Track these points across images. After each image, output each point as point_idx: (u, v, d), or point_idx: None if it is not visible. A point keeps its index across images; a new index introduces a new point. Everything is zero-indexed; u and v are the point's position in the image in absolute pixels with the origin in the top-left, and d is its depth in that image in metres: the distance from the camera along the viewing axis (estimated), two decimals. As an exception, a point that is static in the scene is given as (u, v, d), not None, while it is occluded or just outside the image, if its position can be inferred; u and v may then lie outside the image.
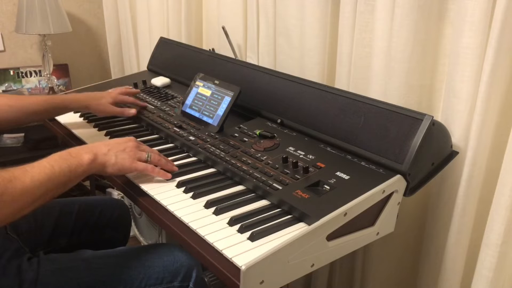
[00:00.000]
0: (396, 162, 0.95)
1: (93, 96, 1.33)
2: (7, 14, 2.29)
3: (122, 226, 1.40)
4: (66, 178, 0.90)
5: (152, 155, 1.03)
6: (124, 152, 0.99)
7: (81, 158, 0.93)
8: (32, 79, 2.39)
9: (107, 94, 1.36)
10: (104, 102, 1.31)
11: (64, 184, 0.90)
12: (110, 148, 0.98)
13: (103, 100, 1.31)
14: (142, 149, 1.03)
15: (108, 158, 0.97)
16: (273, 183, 0.95)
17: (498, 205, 0.94)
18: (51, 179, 0.87)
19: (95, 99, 1.31)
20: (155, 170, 1.02)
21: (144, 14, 2.10)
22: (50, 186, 0.87)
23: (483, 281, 0.99)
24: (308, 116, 1.14)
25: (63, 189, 0.91)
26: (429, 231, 1.18)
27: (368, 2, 1.18)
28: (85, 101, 1.30)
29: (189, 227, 0.87)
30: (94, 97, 1.32)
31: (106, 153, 0.97)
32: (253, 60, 1.61)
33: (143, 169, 1.00)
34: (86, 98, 1.31)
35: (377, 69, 1.19)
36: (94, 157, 0.95)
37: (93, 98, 1.32)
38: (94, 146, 0.98)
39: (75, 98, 1.30)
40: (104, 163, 0.96)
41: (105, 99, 1.32)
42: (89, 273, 1.06)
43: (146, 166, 1.01)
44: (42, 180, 0.86)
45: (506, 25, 0.90)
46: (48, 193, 0.87)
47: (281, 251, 0.76)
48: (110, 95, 1.35)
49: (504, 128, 0.99)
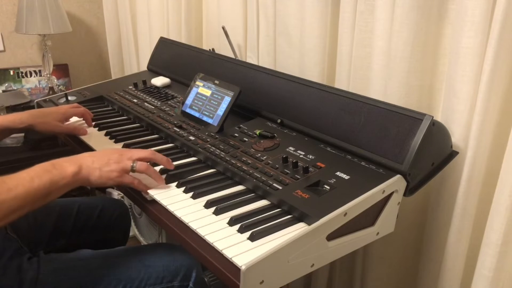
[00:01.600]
0: (396, 162, 0.95)
1: (37, 114, 1.23)
2: (7, 14, 2.29)
3: (122, 226, 1.41)
4: (46, 191, 0.86)
5: (138, 164, 0.97)
6: (108, 164, 0.95)
7: (64, 170, 0.89)
8: (32, 79, 2.39)
9: (56, 110, 1.27)
10: (50, 120, 1.23)
11: (44, 196, 0.87)
12: (95, 160, 0.94)
13: (49, 118, 1.23)
14: (128, 158, 0.97)
15: (93, 171, 0.93)
16: (273, 183, 0.95)
17: (498, 205, 0.94)
18: (29, 191, 0.84)
19: (40, 118, 1.22)
20: (140, 186, 0.97)
21: (144, 14, 2.10)
22: (29, 199, 0.84)
23: (483, 281, 0.99)
24: (308, 116, 1.14)
25: (43, 201, 0.87)
26: (429, 231, 1.18)
27: (368, 2, 1.18)
28: (29, 121, 1.20)
29: (189, 227, 0.87)
30: (38, 115, 1.23)
31: (91, 165, 0.93)
32: (253, 60, 1.61)
33: (129, 183, 0.97)
34: (29, 117, 1.21)
35: (377, 69, 1.19)
36: (78, 169, 0.91)
37: (38, 116, 1.22)
38: (78, 158, 0.94)
39: (16, 118, 1.20)
40: (88, 175, 0.92)
41: (52, 116, 1.24)
42: (88, 273, 1.06)
43: (132, 180, 0.97)
44: (19, 192, 0.83)
45: (506, 25, 0.90)
46: (26, 205, 0.84)
47: (281, 251, 0.76)
48: (59, 111, 1.27)
49: (504, 128, 0.99)
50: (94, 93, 1.54)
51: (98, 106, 1.49)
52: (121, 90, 1.55)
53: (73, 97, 1.52)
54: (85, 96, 1.52)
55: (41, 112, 1.26)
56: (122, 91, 1.54)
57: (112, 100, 1.48)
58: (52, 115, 1.25)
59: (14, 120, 1.20)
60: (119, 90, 1.55)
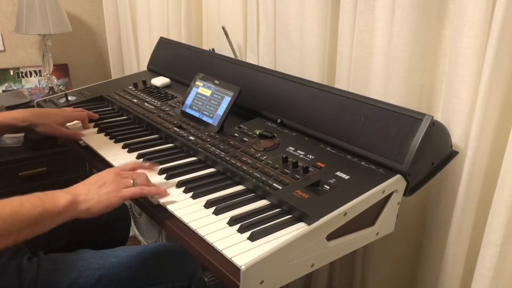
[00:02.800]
0: (396, 162, 0.95)
1: (40, 115, 1.22)
2: (7, 14, 2.29)
3: (122, 226, 1.40)
4: (36, 218, 0.81)
5: (138, 180, 0.94)
6: (105, 186, 0.90)
7: (57, 199, 0.84)
8: (32, 79, 2.39)
9: (59, 113, 1.26)
10: (51, 123, 1.22)
11: (33, 224, 0.81)
12: (89, 186, 0.89)
13: (51, 120, 1.22)
14: (125, 176, 0.94)
15: (90, 198, 0.87)
16: (273, 183, 0.95)
17: (498, 205, 0.94)
18: (16, 215, 0.79)
19: (43, 119, 1.21)
20: (144, 190, 0.92)
21: (144, 14, 2.10)
22: (15, 223, 0.79)
23: (483, 281, 0.99)
24: (308, 116, 1.14)
25: (33, 230, 0.81)
26: (429, 231, 1.18)
27: (368, 2, 1.18)
28: (31, 119, 1.20)
29: (189, 227, 0.87)
30: (41, 116, 1.22)
31: (87, 193, 0.88)
32: (253, 60, 1.61)
33: (131, 195, 0.91)
34: (31, 116, 1.20)
35: (377, 69, 1.19)
36: (73, 199, 0.86)
37: (41, 116, 1.21)
38: (73, 188, 0.90)
39: (19, 115, 1.19)
40: (86, 204, 0.87)
41: (54, 118, 1.23)
42: (89, 273, 1.06)
43: (133, 190, 0.91)
44: (6, 213, 0.78)
45: (506, 25, 0.90)
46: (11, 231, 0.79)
47: (281, 251, 0.76)
48: (62, 114, 1.26)
49: (504, 128, 0.99)
50: (94, 93, 1.54)
51: (98, 106, 1.49)
52: (121, 90, 1.55)
53: (73, 97, 1.52)
54: (85, 96, 1.52)
55: (44, 112, 1.25)
56: (122, 91, 1.54)
57: (112, 100, 1.48)
58: (54, 117, 1.24)
59: (16, 117, 1.20)
60: (119, 90, 1.55)
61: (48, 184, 2.01)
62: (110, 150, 1.18)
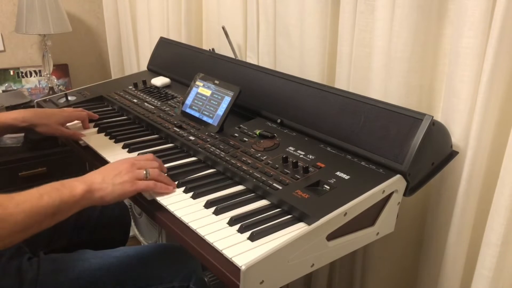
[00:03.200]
0: (396, 162, 0.95)
1: (41, 115, 1.23)
2: (7, 14, 2.29)
3: (122, 226, 1.40)
4: (55, 209, 0.83)
5: (151, 171, 0.95)
6: (120, 176, 0.92)
7: (73, 188, 0.86)
8: (32, 79, 2.39)
9: (59, 113, 1.26)
10: (51, 123, 1.22)
11: (52, 215, 0.83)
12: (104, 175, 0.91)
13: (51, 120, 1.23)
14: (139, 167, 0.95)
15: (105, 187, 0.89)
16: (273, 183, 0.95)
17: (498, 205, 0.94)
18: (37, 208, 0.81)
19: (43, 118, 1.22)
20: (157, 186, 0.95)
21: (144, 14, 2.10)
22: (36, 217, 0.81)
23: (483, 281, 0.99)
24: (308, 116, 1.14)
25: (52, 221, 0.84)
26: (429, 231, 1.18)
27: (368, 2, 1.18)
28: (31, 120, 1.20)
29: (189, 227, 0.87)
30: (42, 116, 1.22)
31: (101, 182, 0.90)
32: (253, 60, 1.61)
33: (144, 188, 0.93)
34: (32, 116, 1.21)
35: (377, 69, 1.19)
36: (88, 188, 0.88)
37: (41, 117, 1.22)
38: (88, 176, 0.91)
39: (19, 116, 1.20)
40: (101, 193, 0.89)
41: (54, 118, 1.24)
42: (89, 273, 1.06)
43: (147, 184, 0.93)
44: (27, 208, 0.79)
45: (506, 25, 0.90)
46: (33, 224, 0.81)
47: (281, 251, 0.76)
48: (62, 114, 1.26)
49: (504, 128, 0.99)
50: (94, 93, 1.54)
51: (98, 106, 1.49)
52: (121, 90, 1.55)
53: (73, 97, 1.52)
54: (85, 96, 1.52)
55: (45, 113, 1.26)
56: (122, 91, 1.54)
57: (112, 100, 1.48)
58: (54, 117, 1.24)
59: (16, 118, 1.20)
60: (119, 90, 1.55)
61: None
62: (110, 150, 1.18)
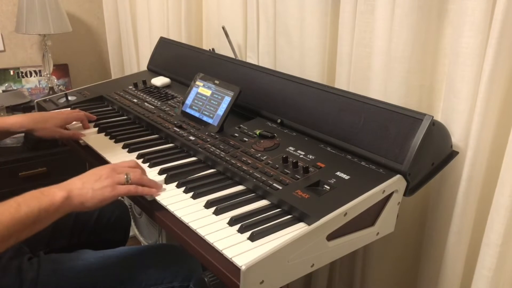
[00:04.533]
0: (396, 162, 0.95)
1: (38, 119, 1.24)
2: (7, 14, 2.29)
3: (122, 226, 1.41)
4: (35, 218, 0.82)
5: (132, 175, 0.94)
6: (100, 181, 0.91)
7: (53, 196, 0.85)
8: (32, 79, 2.39)
9: (57, 115, 1.27)
10: (50, 126, 1.23)
11: (32, 224, 0.82)
12: (84, 181, 0.90)
13: (49, 123, 1.23)
14: (119, 172, 0.94)
15: (85, 192, 0.88)
16: (273, 183, 0.95)
17: (498, 205, 0.94)
18: (15, 220, 0.79)
19: (41, 123, 1.23)
20: (138, 190, 0.94)
21: (144, 14, 2.10)
22: (15, 227, 0.80)
23: (483, 281, 0.99)
24: (308, 116, 1.14)
25: (32, 229, 0.83)
26: (429, 231, 1.18)
27: (368, 2, 1.18)
28: (29, 125, 1.21)
29: (189, 227, 0.87)
30: (39, 120, 1.23)
31: (81, 188, 0.89)
32: (253, 60, 1.61)
33: (125, 193, 0.93)
34: (30, 121, 1.22)
35: (377, 69, 1.19)
36: (67, 194, 0.86)
37: (39, 121, 1.23)
38: (67, 183, 0.90)
39: (17, 122, 1.21)
40: (81, 198, 0.88)
41: (52, 121, 1.24)
42: (89, 273, 1.06)
43: (128, 188, 0.92)
44: (5, 220, 0.79)
45: (506, 25, 0.90)
46: (11, 235, 0.80)
47: (281, 251, 0.76)
48: (60, 117, 1.27)
49: (504, 128, 0.99)
50: (94, 93, 1.54)
51: (98, 106, 1.49)
52: (121, 90, 1.55)
53: (73, 97, 1.52)
54: (85, 96, 1.52)
55: (42, 116, 1.26)
56: (122, 91, 1.54)
57: (112, 100, 1.48)
58: (52, 121, 1.25)
59: (14, 123, 1.20)
60: (119, 90, 1.55)
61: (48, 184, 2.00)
62: (110, 150, 1.18)
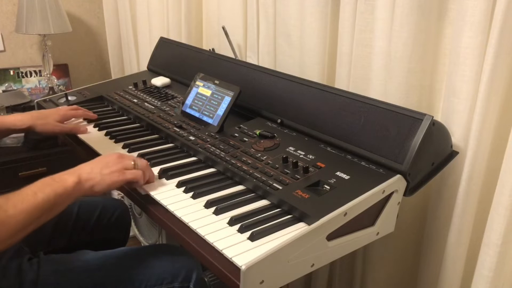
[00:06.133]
0: (396, 162, 0.95)
1: (37, 116, 1.26)
2: (7, 14, 2.29)
3: (122, 226, 1.40)
4: (50, 204, 0.85)
5: (140, 162, 0.98)
6: (108, 166, 0.94)
7: (65, 182, 0.89)
8: (32, 79, 2.39)
9: (55, 112, 1.29)
10: (50, 121, 1.25)
11: (48, 210, 0.86)
12: (93, 166, 0.94)
13: (49, 119, 1.25)
14: (127, 158, 0.98)
15: (93, 177, 0.92)
16: (273, 183, 0.95)
17: (498, 205, 0.94)
18: (33, 206, 0.83)
19: (41, 119, 1.24)
20: (146, 176, 0.98)
21: (144, 14, 2.10)
22: (34, 214, 0.83)
23: (483, 281, 0.99)
24: (308, 116, 1.14)
25: (48, 216, 0.86)
26: (429, 231, 1.18)
27: (368, 2, 1.18)
28: (29, 122, 1.23)
29: (189, 227, 0.87)
30: (39, 117, 1.25)
31: (90, 172, 0.92)
32: (253, 60, 1.61)
33: (133, 177, 0.96)
34: (30, 118, 1.23)
35: (377, 69, 1.19)
36: (78, 179, 0.90)
37: (38, 117, 1.25)
38: (77, 168, 0.94)
39: (17, 119, 1.23)
40: (90, 182, 0.91)
41: (51, 117, 1.26)
42: (89, 273, 1.06)
43: (135, 173, 0.96)
44: (25, 208, 0.82)
45: (506, 25, 0.90)
46: (32, 222, 0.83)
47: (281, 251, 0.76)
48: (58, 113, 1.29)
49: (504, 128, 0.99)
50: (94, 93, 1.54)
51: (98, 106, 1.49)
52: (121, 90, 1.55)
53: (73, 97, 1.52)
54: (85, 96, 1.52)
55: (41, 113, 1.29)
56: (122, 91, 1.54)
57: (112, 100, 1.48)
58: (51, 116, 1.27)
59: (15, 121, 1.22)
60: (119, 90, 1.55)
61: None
62: (110, 150, 1.18)
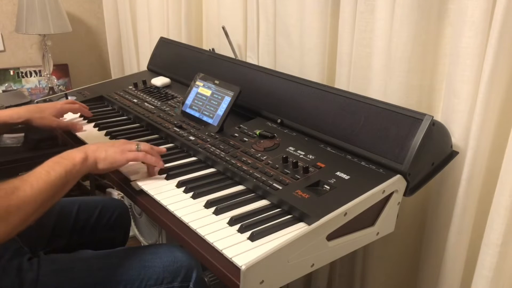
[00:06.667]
0: (396, 162, 0.95)
1: (34, 109, 1.28)
2: (7, 14, 2.29)
3: (122, 226, 1.40)
4: (63, 181, 0.90)
5: (142, 145, 1.04)
6: (113, 146, 1.01)
7: (73, 158, 0.94)
8: (32, 79, 2.39)
9: (52, 106, 1.32)
10: (47, 116, 1.27)
11: (62, 186, 0.90)
12: (99, 145, 1.00)
13: (45, 113, 1.27)
14: (131, 142, 1.05)
15: (98, 154, 0.98)
16: (273, 183, 0.95)
17: (498, 205, 0.94)
18: (48, 184, 0.87)
19: (37, 112, 1.26)
20: (147, 157, 1.03)
21: (144, 14, 2.10)
22: (50, 192, 0.87)
23: (483, 281, 0.99)
24: (308, 116, 1.14)
25: (62, 192, 0.91)
26: (429, 231, 1.18)
27: (368, 2, 1.18)
28: (26, 115, 1.25)
29: (189, 227, 0.87)
30: (36, 110, 1.27)
31: (96, 150, 0.98)
32: (253, 60, 1.61)
33: (134, 157, 1.01)
34: (26, 112, 1.25)
35: (377, 69, 1.19)
36: (85, 155, 0.96)
37: (35, 111, 1.27)
38: (84, 146, 1.00)
39: (14, 112, 1.25)
40: (95, 159, 0.97)
41: (48, 111, 1.28)
42: (89, 273, 1.06)
43: (136, 154, 1.02)
44: (41, 186, 0.86)
45: (506, 25, 0.90)
46: (48, 199, 0.87)
47: (281, 251, 0.76)
48: (55, 106, 1.31)
49: (504, 128, 0.99)
50: (94, 93, 1.54)
51: (98, 106, 1.49)
52: (121, 90, 1.55)
53: (73, 97, 1.52)
54: (85, 96, 1.52)
55: (38, 107, 1.30)
56: (122, 91, 1.54)
57: (112, 100, 1.48)
58: (48, 110, 1.29)
59: (11, 114, 1.24)
60: (119, 90, 1.55)
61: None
62: (110, 150, 1.18)
